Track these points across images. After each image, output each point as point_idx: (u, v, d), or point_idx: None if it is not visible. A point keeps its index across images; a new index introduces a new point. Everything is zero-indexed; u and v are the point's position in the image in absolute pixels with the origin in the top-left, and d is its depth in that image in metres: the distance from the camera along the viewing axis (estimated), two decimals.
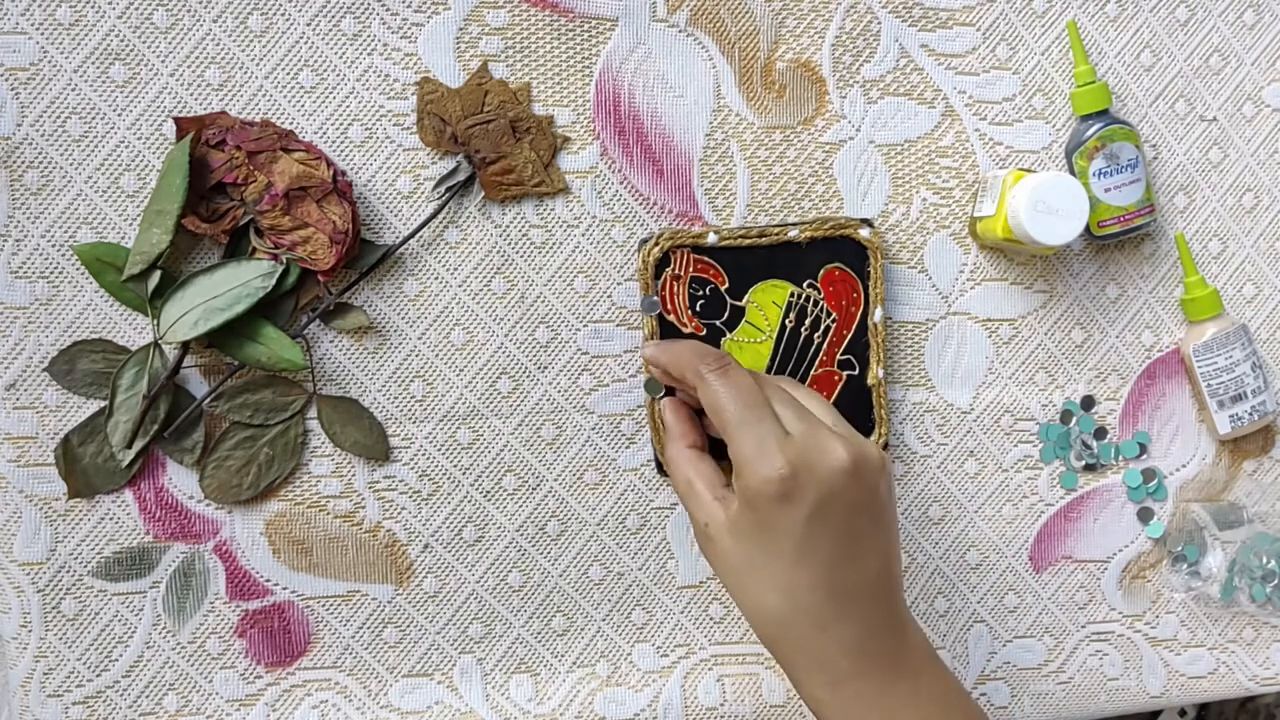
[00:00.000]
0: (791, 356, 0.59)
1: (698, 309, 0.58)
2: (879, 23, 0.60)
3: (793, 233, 0.58)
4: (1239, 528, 0.63)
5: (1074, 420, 0.63)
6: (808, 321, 0.59)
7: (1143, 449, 0.64)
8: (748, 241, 0.58)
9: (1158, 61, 0.62)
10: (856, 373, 0.60)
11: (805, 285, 0.59)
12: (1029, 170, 0.59)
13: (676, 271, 0.58)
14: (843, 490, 0.47)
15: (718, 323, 0.59)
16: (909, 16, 0.60)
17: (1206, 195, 0.63)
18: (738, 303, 0.59)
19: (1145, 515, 0.64)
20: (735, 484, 0.48)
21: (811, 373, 0.59)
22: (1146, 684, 0.65)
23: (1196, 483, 0.65)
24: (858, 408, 0.60)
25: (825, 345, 0.59)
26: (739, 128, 0.59)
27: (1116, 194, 0.59)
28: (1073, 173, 0.60)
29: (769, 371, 0.59)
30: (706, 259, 0.58)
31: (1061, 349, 0.63)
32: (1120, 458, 0.63)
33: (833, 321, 0.59)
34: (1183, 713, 1.09)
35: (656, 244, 0.57)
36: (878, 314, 0.59)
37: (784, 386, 0.52)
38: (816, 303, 0.59)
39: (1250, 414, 0.62)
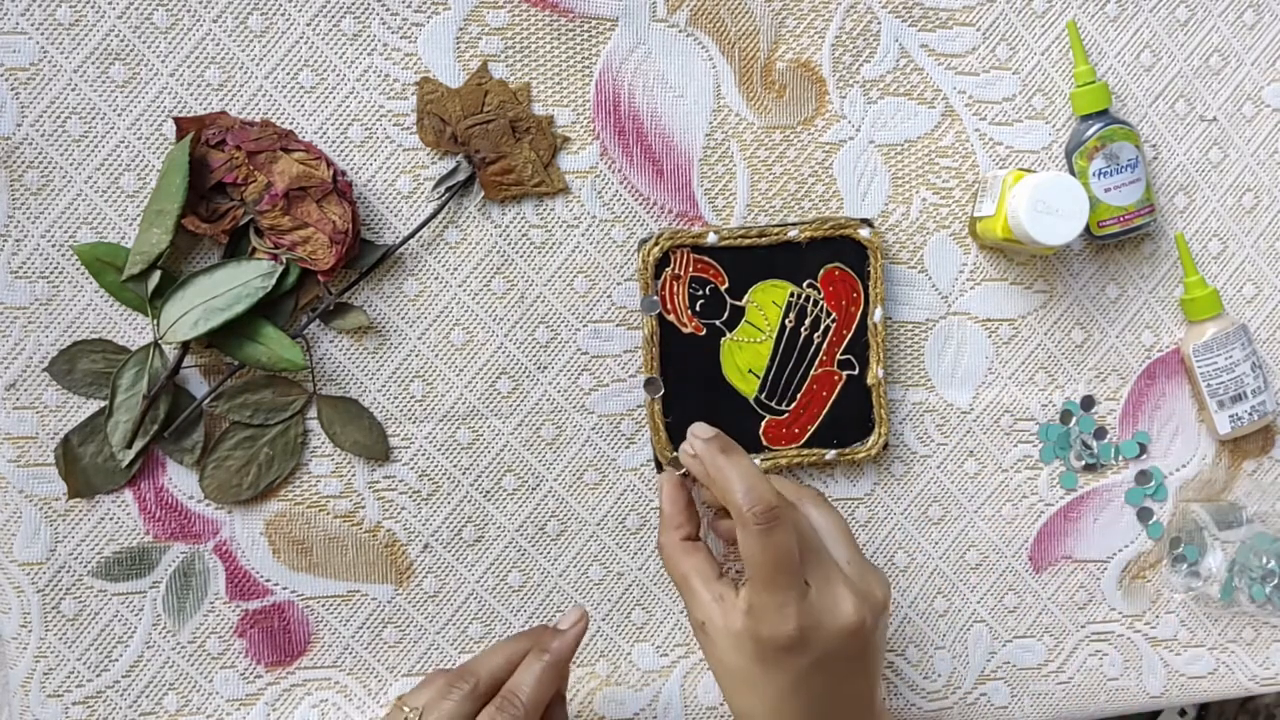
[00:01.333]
0: (791, 356, 0.59)
1: (697, 309, 0.58)
2: (879, 23, 0.60)
3: (792, 233, 0.58)
4: (1239, 528, 0.63)
5: (1074, 420, 0.63)
6: (807, 321, 0.59)
7: (1143, 449, 0.64)
8: (747, 241, 0.58)
9: (1158, 61, 0.62)
10: (856, 372, 0.60)
11: (805, 285, 0.59)
12: (1029, 170, 0.59)
13: (676, 271, 0.58)
14: (844, 647, 0.49)
15: (717, 322, 0.58)
16: (909, 16, 0.60)
17: (1206, 195, 0.63)
18: (737, 302, 0.58)
19: (1145, 515, 0.64)
20: (746, 609, 0.49)
21: (811, 372, 0.59)
22: (1146, 684, 0.65)
23: (1196, 483, 0.65)
24: (858, 408, 0.60)
25: (825, 345, 0.59)
26: (739, 128, 0.59)
27: (1116, 194, 0.59)
28: (1073, 173, 0.60)
29: (768, 371, 0.59)
30: (706, 259, 0.58)
31: (1061, 349, 0.63)
32: (1120, 458, 0.63)
33: (832, 321, 0.59)
34: (1183, 713, 1.09)
35: (656, 244, 0.57)
36: (877, 314, 0.59)
37: (809, 508, 0.53)
38: (816, 302, 0.59)
39: (1250, 414, 0.62)
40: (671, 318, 0.58)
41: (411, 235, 0.57)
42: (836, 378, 0.60)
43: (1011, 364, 0.63)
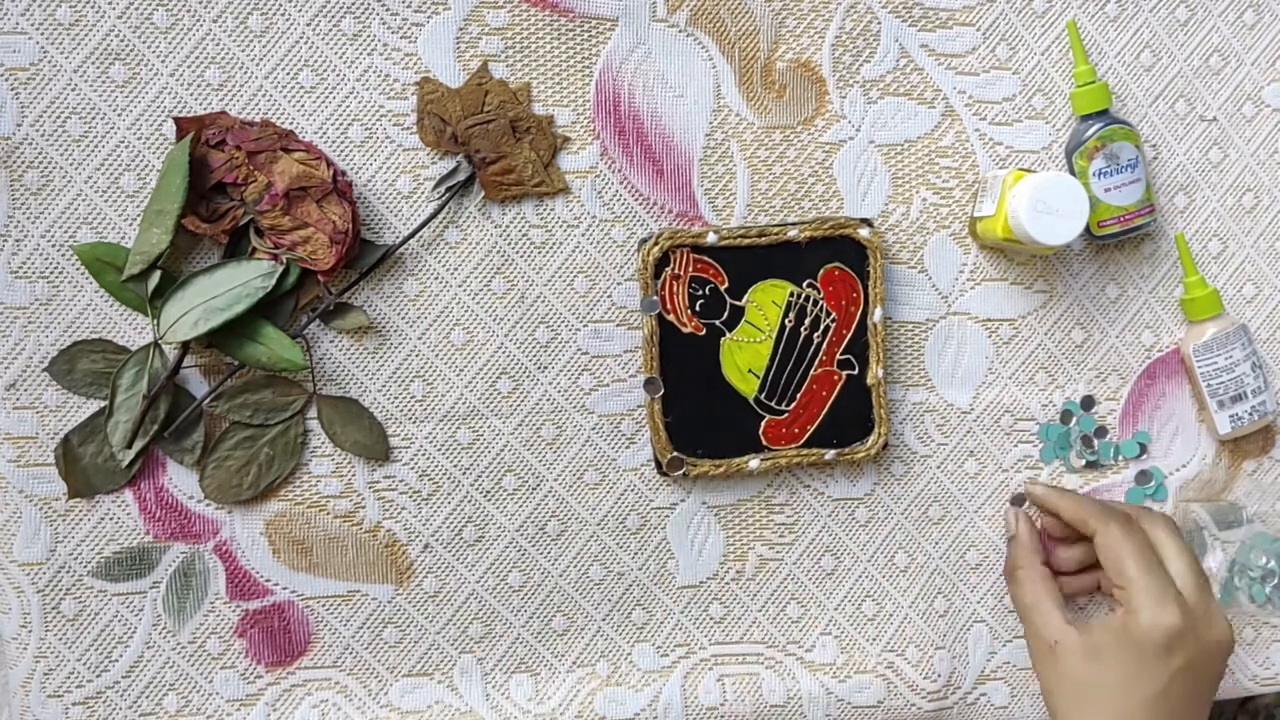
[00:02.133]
0: (791, 356, 0.59)
1: (697, 308, 0.58)
2: (879, 23, 0.60)
3: (792, 232, 0.58)
4: (1239, 528, 0.63)
5: (1074, 420, 0.63)
6: (807, 321, 0.59)
7: (1143, 449, 0.64)
8: (747, 241, 0.58)
9: (1158, 61, 0.62)
10: (856, 372, 0.60)
11: (805, 285, 0.59)
12: (1029, 170, 0.59)
13: (676, 271, 0.58)
14: (1211, 665, 0.54)
15: (717, 322, 0.58)
16: (909, 16, 0.60)
17: (1206, 195, 0.63)
18: (737, 302, 0.58)
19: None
20: (1121, 621, 0.53)
21: (811, 372, 0.59)
22: None
23: (1196, 483, 0.65)
24: (857, 407, 0.60)
25: (825, 345, 0.59)
26: (739, 128, 0.59)
27: (1116, 194, 0.59)
28: (1073, 173, 0.60)
29: (768, 371, 0.59)
30: (706, 258, 0.58)
31: (1061, 349, 0.63)
32: (1120, 458, 0.63)
33: (832, 321, 0.59)
34: None
35: (656, 244, 0.57)
36: (877, 314, 0.59)
37: (1167, 537, 0.56)
38: (816, 302, 0.59)
39: (1250, 414, 0.62)
40: (671, 318, 0.58)
41: (411, 235, 0.57)
42: (836, 377, 0.60)
43: (1012, 364, 0.63)
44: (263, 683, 0.59)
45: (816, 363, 0.59)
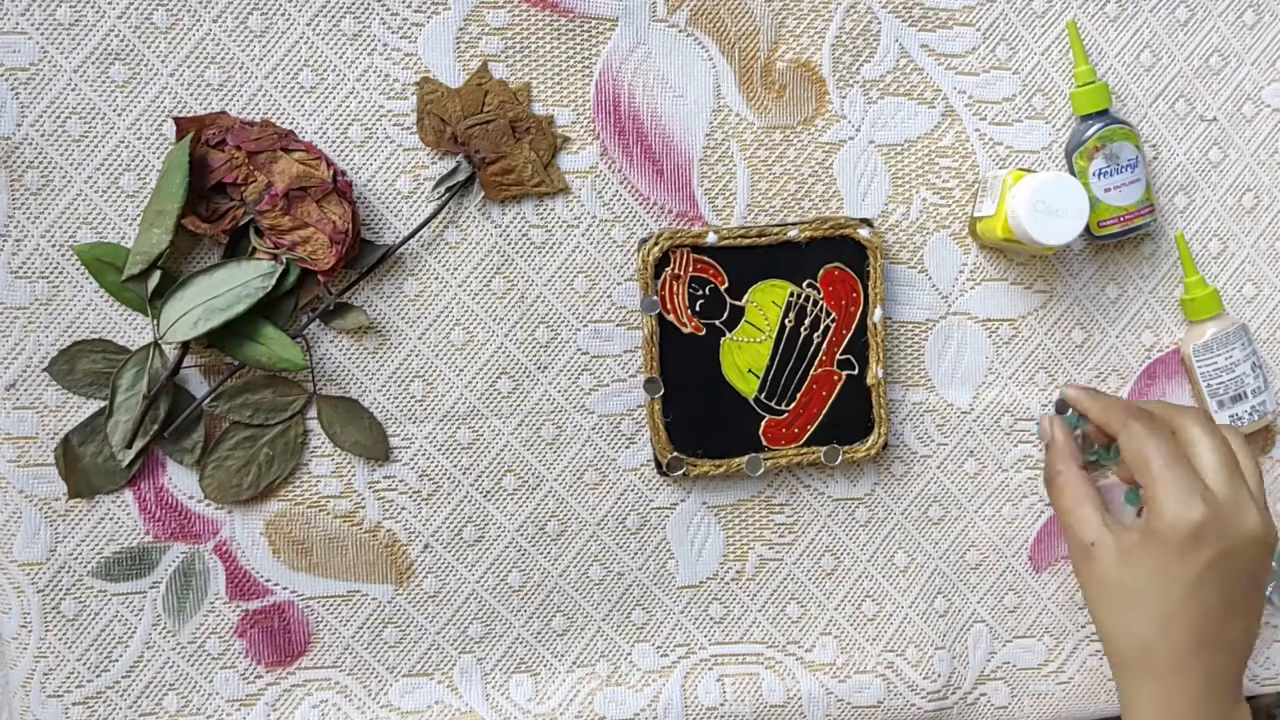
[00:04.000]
0: (791, 356, 0.59)
1: (697, 309, 0.58)
2: (879, 23, 0.60)
3: (792, 232, 0.58)
4: None
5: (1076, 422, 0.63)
6: (807, 321, 0.59)
7: None
8: (747, 241, 0.58)
9: (1158, 61, 0.62)
10: (856, 372, 0.60)
11: (805, 285, 0.59)
12: (1029, 170, 0.59)
13: (676, 271, 0.58)
14: (1244, 554, 0.52)
15: (717, 322, 0.58)
16: (909, 16, 0.60)
17: (1206, 195, 0.63)
18: (737, 302, 0.58)
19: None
20: (1146, 520, 0.52)
21: (811, 372, 0.59)
22: None
23: None
24: (857, 408, 0.60)
25: (825, 345, 0.59)
26: (739, 128, 0.59)
27: (1116, 194, 0.59)
28: (1073, 173, 0.60)
29: (768, 371, 0.59)
30: (706, 258, 0.58)
31: (1061, 349, 0.63)
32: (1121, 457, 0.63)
33: (832, 321, 0.59)
34: None
35: (656, 243, 0.57)
36: (877, 314, 0.59)
37: (1227, 435, 0.55)
38: (816, 302, 0.59)
39: (1250, 414, 0.62)
40: (671, 317, 0.58)
41: (411, 235, 0.57)
42: (836, 377, 0.60)
43: (1012, 364, 0.63)
44: (263, 683, 0.59)
45: (816, 363, 0.59)
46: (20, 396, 0.55)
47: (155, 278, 0.54)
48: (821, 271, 0.59)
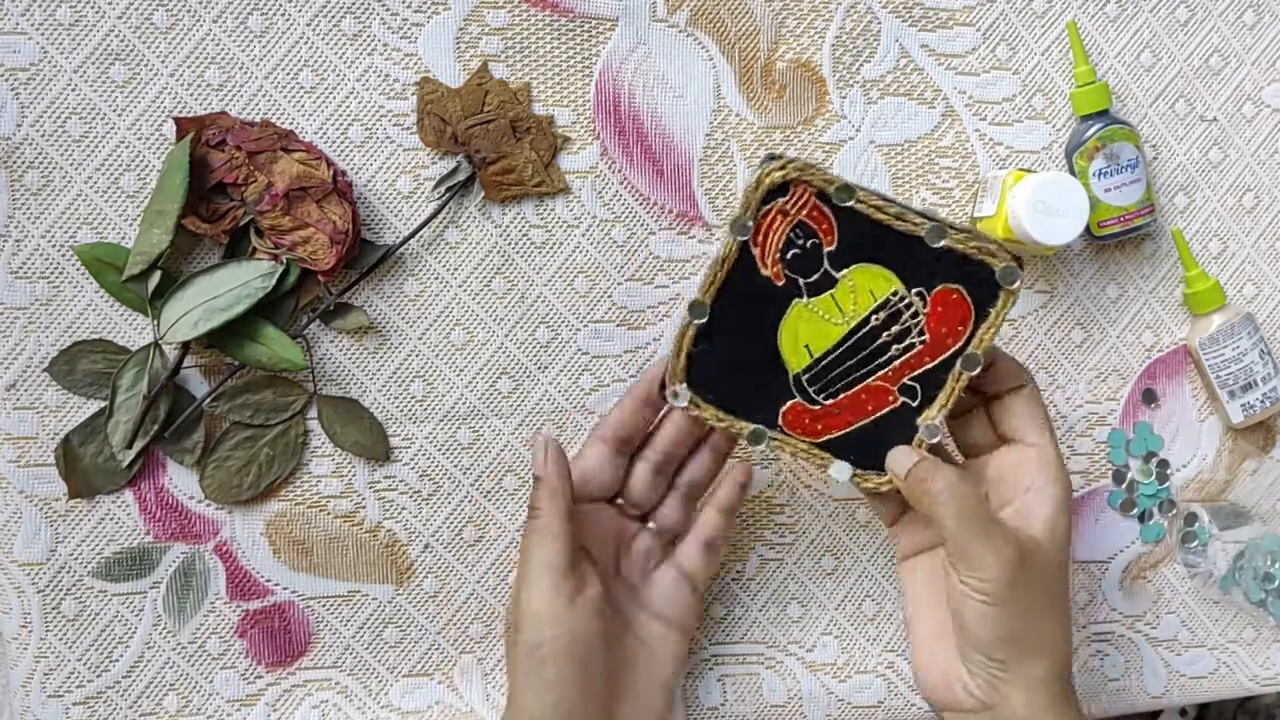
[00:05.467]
0: (858, 354, 0.51)
1: (788, 257, 0.50)
2: (879, 23, 0.60)
3: (930, 230, 0.49)
4: (1243, 526, 0.63)
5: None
6: (895, 329, 0.51)
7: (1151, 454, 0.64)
8: (881, 215, 0.49)
9: (1158, 61, 0.62)
10: (914, 405, 0.52)
11: (914, 291, 0.50)
12: (1029, 170, 0.59)
13: (788, 207, 0.49)
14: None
15: (801, 281, 0.50)
16: (909, 16, 0.60)
17: (1206, 195, 0.63)
18: (834, 271, 0.50)
19: (1144, 516, 0.64)
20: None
21: (868, 380, 0.51)
22: (1147, 684, 0.65)
23: (1196, 483, 0.65)
24: (895, 437, 0.52)
25: (900, 362, 0.51)
26: (739, 128, 0.59)
27: (1116, 194, 0.59)
28: (1073, 173, 0.60)
29: (825, 356, 0.52)
30: (827, 210, 0.49)
31: (1061, 349, 0.63)
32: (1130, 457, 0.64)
33: (921, 342, 0.51)
34: (1183, 712, 1.09)
35: (782, 169, 0.48)
36: (968, 366, 0.51)
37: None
38: (916, 315, 0.50)
39: (1262, 401, 0.62)
40: (755, 252, 0.50)
41: (412, 235, 0.57)
42: (891, 399, 0.52)
43: None
44: (263, 683, 0.59)
45: (879, 374, 0.51)
46: (20, 397, 0.55)
47: (155, 278, 0.54)
48: (939, 287, 0.50)
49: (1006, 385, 0.52)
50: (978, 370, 0.50)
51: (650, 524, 0.55)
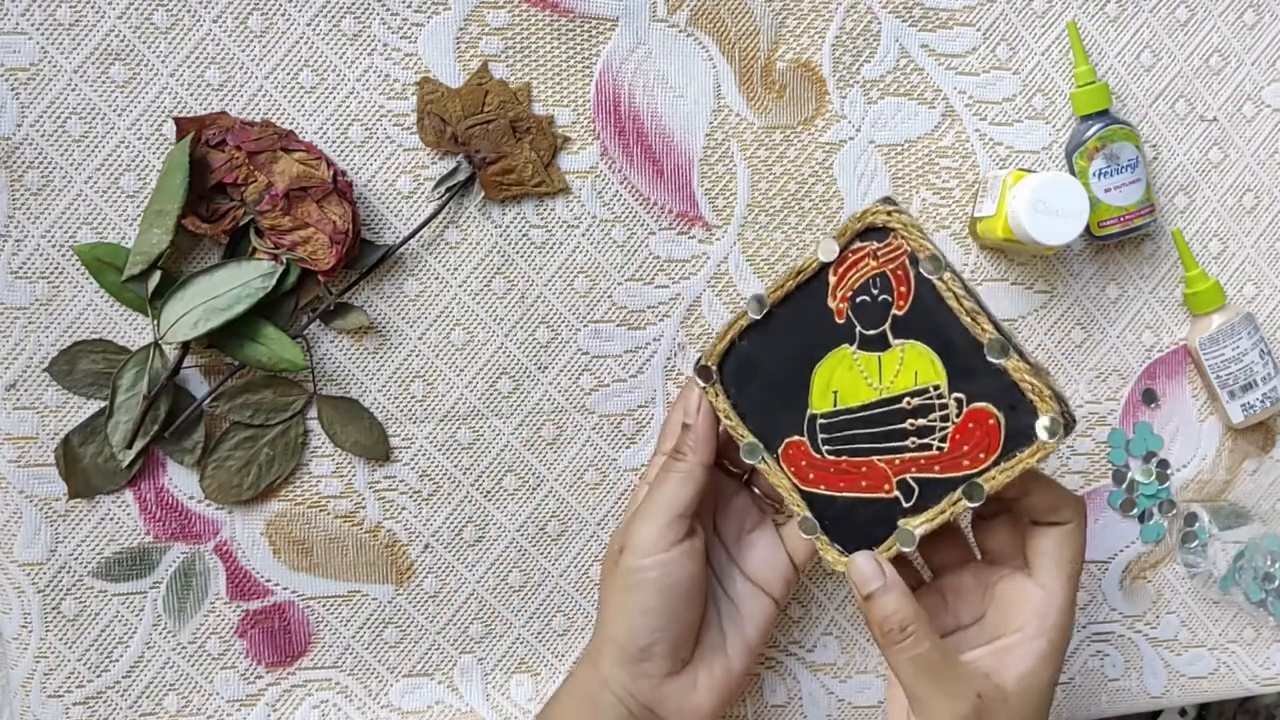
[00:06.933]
0: (873, 428, 0.49)
1: (858, 301, 0.48)
2: (879, 23, 0.60)
3: (994, 342, 0.45)
4: (1243, 526, 0.63)
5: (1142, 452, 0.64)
6: (919, 423, 0.47)
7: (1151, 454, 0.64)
8: (954, 304, 0.46)
9: (1158, 61, 0.62)
10: (905, 506, 0.48)
11: (954, 395, 0.47)
12: (1029, 170, 0.59)
13: (879, 252, 0.47)
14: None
15: (859, 329, 0.49)
16: (909, 16, 0.60)
17: (1206, 195, 0.63)
18: (892, 336, 0.48)
19: (1144, 516, 0.64)
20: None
21: (872, 458, 0.49)
22: (1147, 684, 0.65)
23: (1196, 483, 0.65)
24: (872, 528, 0.49)
25: (909, 456, 0.48)
26: (739, 128, 0.59)
27: (1116, 194, 0.59)
28: (1073, 173, 0.60)
29: (845, 414, 0.50)
30: (911, 275, 0.47)
31: (1061, 349, 0.63)
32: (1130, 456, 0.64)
33: (938, 450, 0.47)
34: (1183, 712, 1.09)
35: (888, 214, 0.47)
36: (971, 499, 0.46)
37: None
38: (946, 418, 0.47)
39: (1262, 400, 0.62)
40: (832, 280, 0.49)
41: (412, 235, 0.57)
42: (887, 488, 0.49)
43: None
44: (263, 683, 0.59)
45: (887, 457, 0.48)
46: (20, 397, 0.55)
47: (155, 278, 0.54)
48: (979, 404, 0.46)
49: (1049, 517, 0.48)
50: (976, 505, 0.46)
51: (753, 489, 0.56)
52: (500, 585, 0.60)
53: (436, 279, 0.58)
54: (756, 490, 0.56)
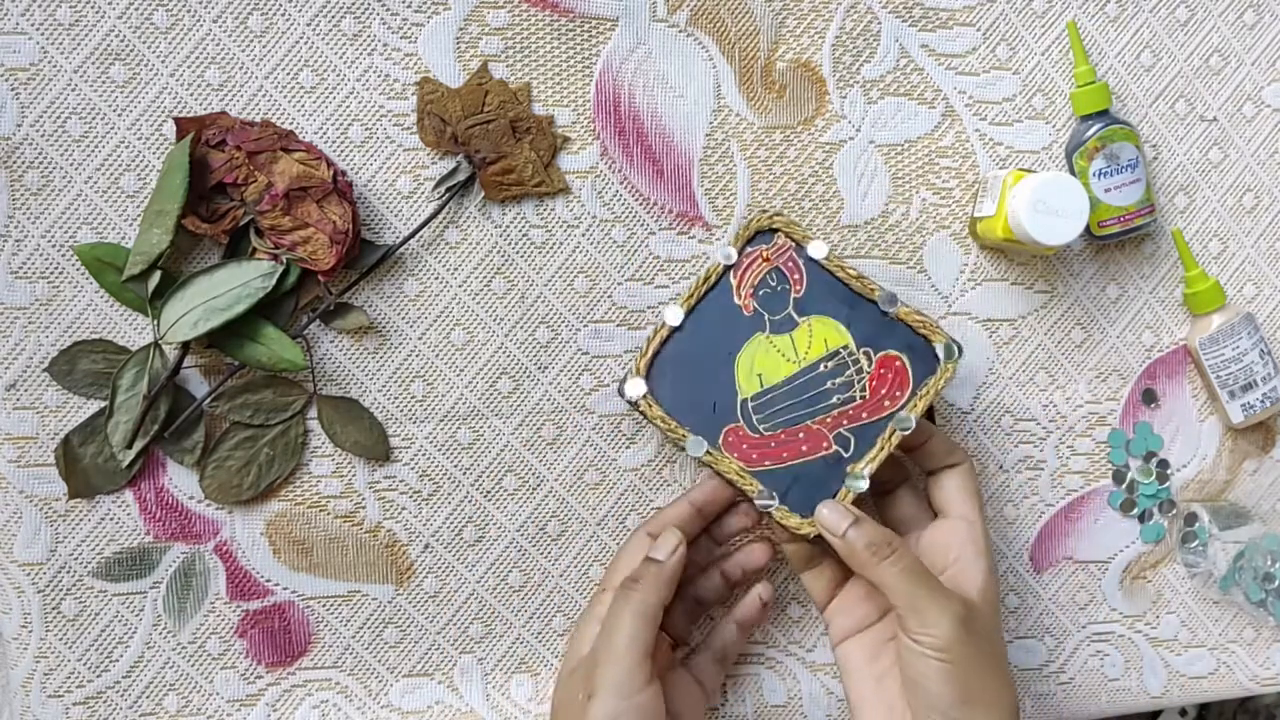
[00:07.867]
0: (801, 395, 0.55)
1: (760, 294, 0.55)
2: (879, 23, 0.60)
3: (883, 295, 0.55)
4: (1244, 526, 0.63)
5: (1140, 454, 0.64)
6: (839, 380, 0.55)
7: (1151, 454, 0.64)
8: (843, 275, 0.55)
9: (1158, 61, 0.62)
10: (846, 456, 0.55)
11: (862, 350, 0.55)
12: (1029, 170, 0.59)
13: (770, 254, 0.56)
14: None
15: (768, 316, 0.55)
16: (909, 16, 0.60)
17: (1206, 195, 0.63)
18: (797, 316, 0.55)
19: (1144, 516, 0.64)
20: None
21: (807, 422, 0.55)
22: (1147, 684, 0.65)
23: (1196, 483, 0.65)
24: (823, 486, 0.54)
25: (838, 412, 0.55)
26: (739, 128, 0.59)
27: (1116, 194, 0.59)
28: (1073, 173, 0.60)
29: (772, 390, 0.55)
30: (800, 262, 0.56)
31: (1061, 349, 0.63)
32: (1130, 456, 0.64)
33: (861, 398, 0.55)
34: (1183, 712, 1.09)
35: (771, 220, 0.56)
36: (900, 424, 0.54)
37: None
38: (861, 372, 0.55)
39: (1262, 401, 0.62)
40: (734, 281, 0.55)
41: (412, 235, 0.57)
42: (825, 445, 0.55)
43: (1012, 364, 0.63)
44: (263, 683, 0.59)
45: (818, 419, 0.55)
46: (20, 397, 0.55)
47: (155, 278, 0.54)
48: (885, 351, 0.55)
49: (943, 463, 0.56)
50: (908, 431, 0.54)
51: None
52: (500, 585, 0.60)
53: (436, 279, 0.58)
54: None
